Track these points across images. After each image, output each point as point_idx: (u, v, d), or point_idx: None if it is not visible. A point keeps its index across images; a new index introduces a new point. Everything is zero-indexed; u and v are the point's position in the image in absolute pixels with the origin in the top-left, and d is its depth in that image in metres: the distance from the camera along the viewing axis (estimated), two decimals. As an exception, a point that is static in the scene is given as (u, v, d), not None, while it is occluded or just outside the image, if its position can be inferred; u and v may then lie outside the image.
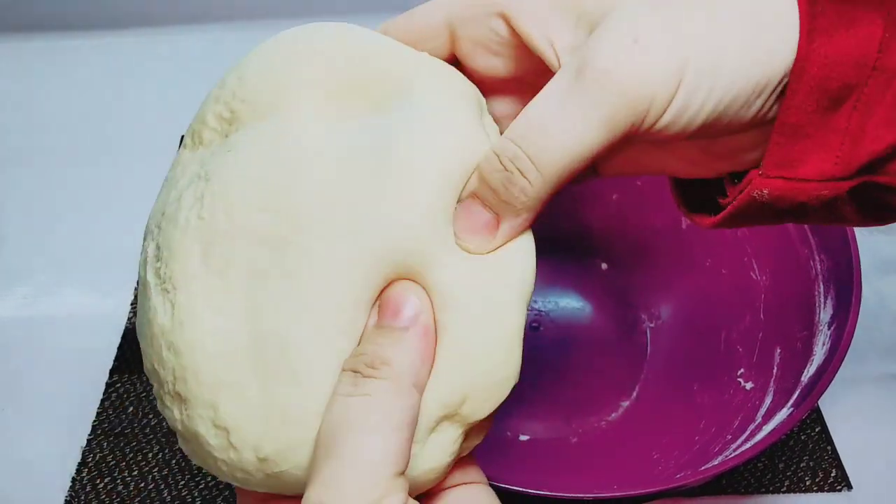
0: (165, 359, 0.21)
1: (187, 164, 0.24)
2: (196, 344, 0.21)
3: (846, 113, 0.21)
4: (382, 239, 0.21)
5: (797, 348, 0.35)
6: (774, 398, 0.34)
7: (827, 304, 0.35)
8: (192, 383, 0.21)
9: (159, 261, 0.22)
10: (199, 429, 0.21)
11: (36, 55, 0.71)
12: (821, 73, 0.20)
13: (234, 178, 0.22)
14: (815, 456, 0.44)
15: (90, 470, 0.44)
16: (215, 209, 0.21)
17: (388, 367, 0.20)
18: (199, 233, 0.21)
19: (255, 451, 0.20)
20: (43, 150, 0.62)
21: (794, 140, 0.21)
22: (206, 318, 0.21)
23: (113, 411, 0.46)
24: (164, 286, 0.21)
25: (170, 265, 0.21)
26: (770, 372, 0.37)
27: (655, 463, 0.38)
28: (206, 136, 0.24)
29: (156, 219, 0.24)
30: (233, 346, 0.21)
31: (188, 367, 0.21)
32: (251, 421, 0.20)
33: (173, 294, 0.21)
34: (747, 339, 0.40)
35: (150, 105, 0.66)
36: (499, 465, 0.29)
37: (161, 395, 0.22)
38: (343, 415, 0.19)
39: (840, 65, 0.20)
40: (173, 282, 0.21)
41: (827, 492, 0.42)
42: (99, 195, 0.59)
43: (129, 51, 0.70)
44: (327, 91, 0.22)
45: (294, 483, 0.21)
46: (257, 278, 0.21)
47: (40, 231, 0.56)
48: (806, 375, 0.33)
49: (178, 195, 0.23)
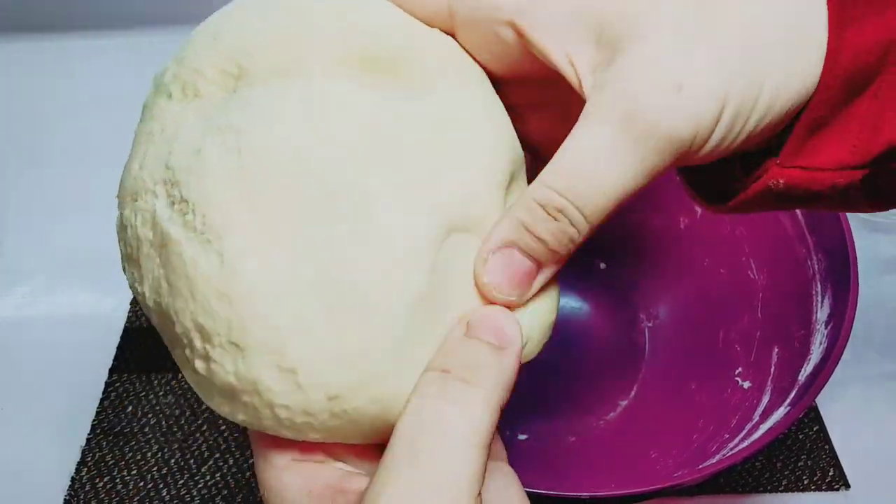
0: (216, 310, 0.20)
1: (180, 117, 0.23)
2: (256, 288, 0.20)
3: (867, 101, 0.20)
4: (449, 194, 0.21)
5: (795, 347, 0.35)
6: (772, 397, 0.34)
7: (824, 303, 0.35)
8: (253, 329, 0.20)
9: (186, 214, 0.21)
10: (260, 376, 0.20)
11: (36, 55, 0.71)
12: (851, 65, 0.20)
13: (276, 129, 0.21)
14: (813, 455, 0.44)
15: (89, 469, 0.44)
16: (258, 158, 0.21)
17: (485, 378, 0.19)
18: (241, 182, 0.21)
19: (325, 389, 0.20)
20: (41, 150, 0.62)
21: (815, 131, 0.21)
22: (263, 262, 0.20)
23: (112, 411, 0.46)
24: (203, 237, 0.21)
25: (209, 215, 0.21)
26: (768, 371, 0.37)
27: (654, 462, 0.38)
28: (202, 88, 0.23)
29: (155, 175, 0.22)
30: (295, 288, 0.20)
31: (247, 313, 0.20)
32: (321, 360, 0.20)
33: (218, 243, 0.20)
34: (745, 338, 0.40)
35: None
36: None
37: (203, 352, 0.21)
38: (432, 419, 0.19)
39: (866, 54, 0.20)
40: (217, 231, 0.20)
41: (825, 491, 0.42)
42: (98, 195, 0.59)
43: (130, 51, 0.70)
44: (348, 54, 0.22)
45: (362, 422, 0.21)
46: (313, 222, 0.20)
47: (39, 231, 0.56)
48: (803, 374, 0.33)
49: (194, 148, 0.21)
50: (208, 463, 0.44)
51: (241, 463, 0.44)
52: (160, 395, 0.47)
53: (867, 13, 0.20)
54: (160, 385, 0.48)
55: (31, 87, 0.68)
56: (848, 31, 0.20)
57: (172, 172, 0.22)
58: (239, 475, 0.44)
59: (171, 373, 0.48)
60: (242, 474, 0.44)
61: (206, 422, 0.46)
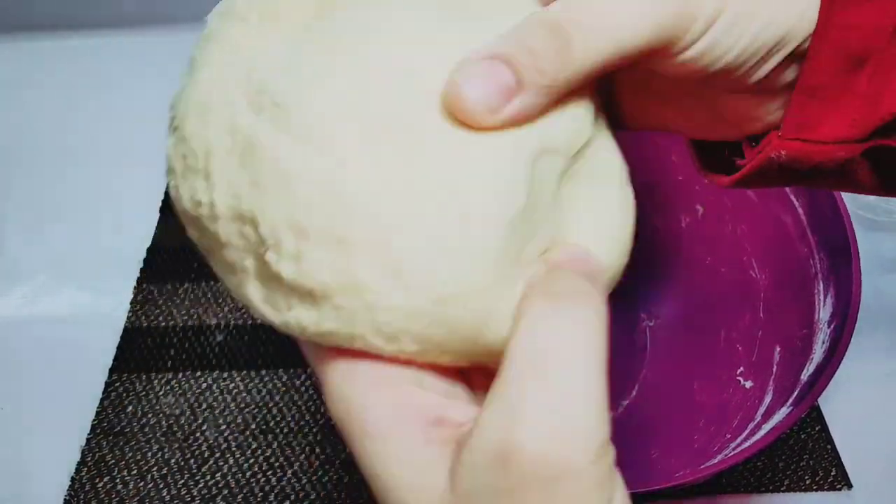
0: (320, 204, 0.20)
1: (259, 39, 0.23)
2: (365, 186, 0.20)
3: (866, 75, 0.21)
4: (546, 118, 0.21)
5: (797, 347, 0.35)
6: (774, 397, 0.34)
7: (827, 302, 0.35)
8: (361, 224, 0.20)
9: (278, 119, 0.21)
10: (364, 274, 0.20)
11: (36, 55, 0.71)
12: (842, 35, 0.21)
13: (373, 48, 0.21)
14: (815, 455, 0.43)
15: (89, 469, 0.44)
16: (362, 72, 0.21)
17: (591, 303, 0.19)
18: (344, 91, 0.21)
19: (429, 292, 0.20)
20: (42, 150, 0.62)
21: (814, 102, 0.22)
22: (371, 161, 0.20)
23: (112, 411, 0.46)
24: (301, 138, 0.20)
25: (308, 118, 0.21)
26: (769, 371, 0.36)
27: (655, 462, 0.38)
28: (283, 13, 0.23)
29: (233, 88, 0.22)
30: (405, 189, 0.20)
31: (355, 208, 0.20)
32: (428, 261, 0.19)
33: (320, 144, 0.20)
34: (747, 337, 0.40)
35: (148, 105, 0.66)
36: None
37: (295, 252, 0.20)
38: (551, 340, 0.18)
39: (861, 28, 0.21)
40: (321, 131, 0.20)
41: (827, 490, 0.42)
42: (98, 195, 0.59)
43: (133, 52, 0.70)
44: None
45: (459, 334, 0.20)
46: (420, 131, 0.20)
47: (39, 230, 0.56)
48: (805, 374, 0.32)
49: (285, 62, 0.22)
50: (209, 463, 0.44)
51: (242, 463, 0.44)
52: (160, 394, 0.47)
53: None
54: (160, 385, 0.48)
55: (28, 88, 0.68)
56: (838, 4, 0.21)
57: (260, 83, 0.22)
58: (239, 475, 0.44)
59: (171, 372, 0.48)
60: (243, 474, 0.44)
61: (206, 421, 0.46)
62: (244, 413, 0.46)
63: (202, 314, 0.51)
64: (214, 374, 0.48)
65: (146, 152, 0.61)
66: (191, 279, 0.53)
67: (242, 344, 0.49)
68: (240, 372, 0.48)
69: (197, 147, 0.23)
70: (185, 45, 0.77)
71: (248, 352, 0.49)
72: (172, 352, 0.49)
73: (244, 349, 0.49)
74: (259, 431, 0.45)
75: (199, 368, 0.48)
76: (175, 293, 0.52)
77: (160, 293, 0.52)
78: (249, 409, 0.46)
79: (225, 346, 0.49)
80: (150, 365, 0.48)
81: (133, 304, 0.51)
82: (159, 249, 0.54)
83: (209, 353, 0.49)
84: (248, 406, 0.46)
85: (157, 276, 0.53)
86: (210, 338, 0.50)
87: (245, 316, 0.51)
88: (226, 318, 0.51)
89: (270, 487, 0.43)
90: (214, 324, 0.50)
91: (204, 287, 0.52)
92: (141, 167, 0.60)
